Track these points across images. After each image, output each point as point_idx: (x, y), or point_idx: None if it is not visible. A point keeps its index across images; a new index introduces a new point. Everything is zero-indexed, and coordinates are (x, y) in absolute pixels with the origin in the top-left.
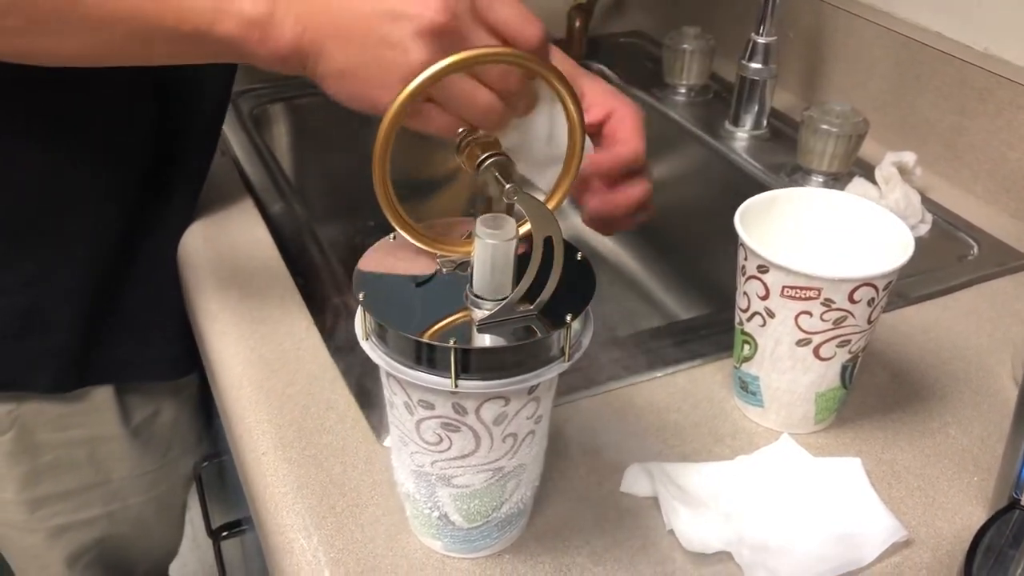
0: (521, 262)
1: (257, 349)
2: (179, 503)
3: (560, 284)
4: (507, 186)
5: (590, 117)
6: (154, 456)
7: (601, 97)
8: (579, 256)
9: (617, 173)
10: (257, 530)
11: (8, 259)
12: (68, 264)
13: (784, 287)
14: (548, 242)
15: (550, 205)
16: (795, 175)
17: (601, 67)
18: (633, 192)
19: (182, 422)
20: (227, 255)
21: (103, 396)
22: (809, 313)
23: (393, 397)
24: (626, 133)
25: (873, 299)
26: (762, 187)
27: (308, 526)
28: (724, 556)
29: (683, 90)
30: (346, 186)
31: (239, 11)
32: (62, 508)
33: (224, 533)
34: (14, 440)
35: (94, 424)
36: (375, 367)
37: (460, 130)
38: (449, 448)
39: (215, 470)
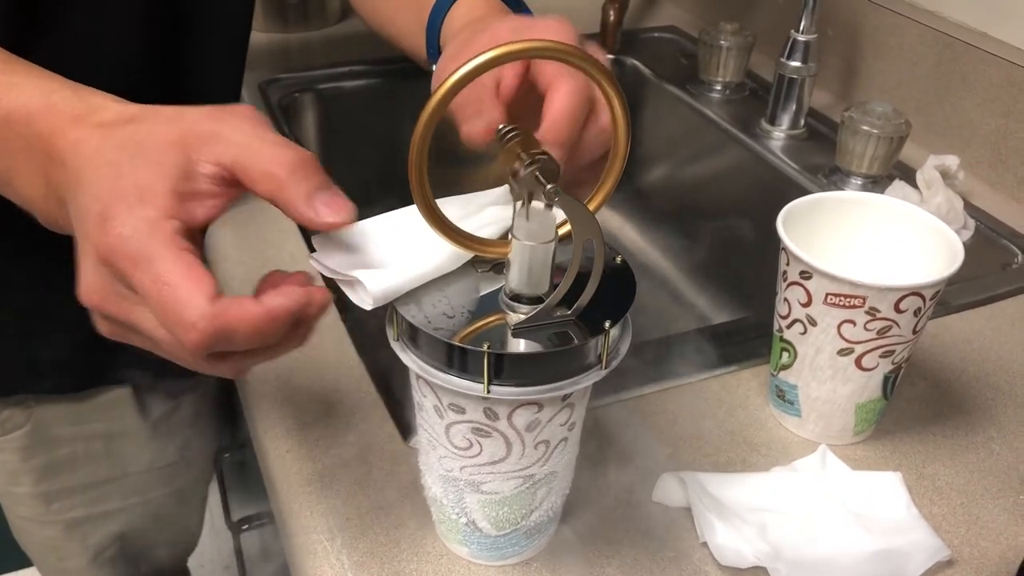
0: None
1: None
2: (200, 496)
3: (598, 288)
4: (548, 187)
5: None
6: (173, 450)
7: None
8: (618, 259)
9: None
10: (279, 530)
11: (14, 256)
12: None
13: (828, 294)
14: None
15: (591, 207)
16: (833, 177)
17: (635, 62)
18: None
19: (202, 416)
20: (255, 248)
21: (120, 392)
22: (852, 322)
23: (423, 400)
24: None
25: (919, 309)
26: (798, 188)
27: (332, 528)
28: (759, 571)
29: (719, 87)
30: (375, 177)
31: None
32: (80, 500)
33: (244, 526)
34: (29, 434)
35: (111, 419)
36: (402, 366)
37: (500, 127)
38: (479, 454)
39: (236, 462)
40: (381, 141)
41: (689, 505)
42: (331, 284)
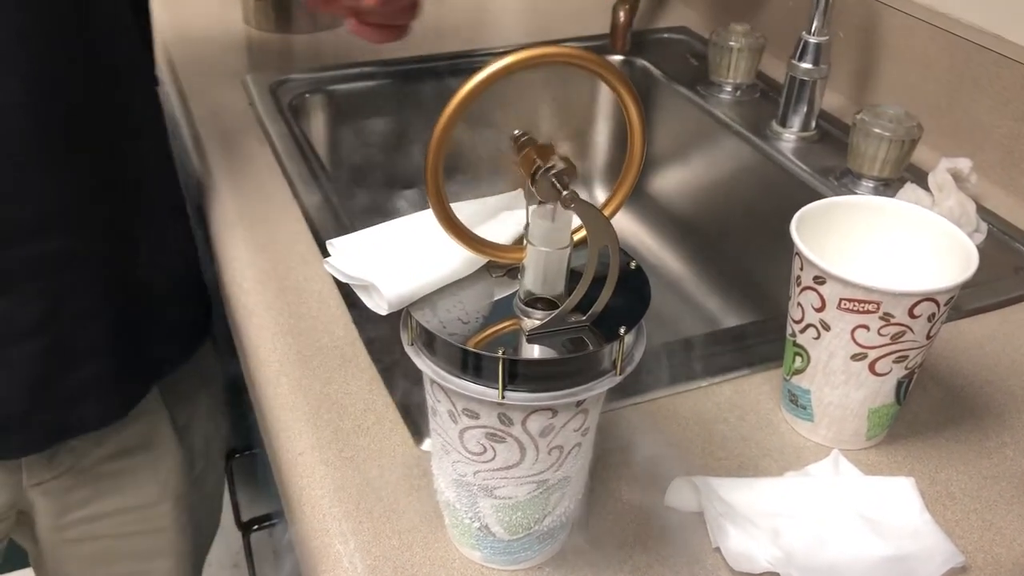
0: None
1: (295, 345)
2: (220, 496)
3: (613, 294)
4: (564, 193)
5: None
6: (199, 455)
7: None
8: (633, 265)
9: None
10: (292, 532)
11: (17, 300)
12: (78, 282)
13: (841, 299)
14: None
15: (607, 212)
16: (844, 179)
17: (645, 63)
18: None
19: (212, 419)
20: (266, 248)
21: (153, 405)
22: (866, 327)
23: (436, 404)
24: None
25: (934, 314)
26: (809, 190)
27: (345, 531)
28: None
29: (729, 88)
30: (385, 177)
31: None
32: (133, 519)
33: (255, 527)
34: (75, 472)
35: (147, 433)
36: (416, 370)
37: (516, 132)
38: (493, 459)
39: (246, 463)
40: (391, 142)
41: (701, 510)
42: (345, 290)
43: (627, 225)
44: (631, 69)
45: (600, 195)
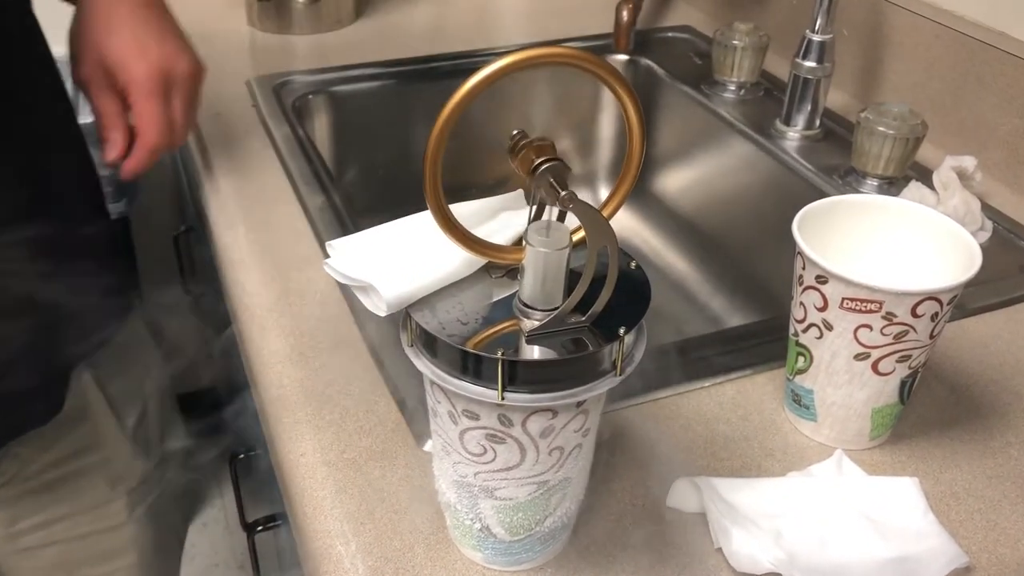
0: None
1: (297, 347)
2: (180, 494)
3: (613, 294)
4: (562, 193)
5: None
6: (155, 451)
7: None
8: (633, 265)
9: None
10: (294, 533)
11: None
12: None
13: (844, 299)
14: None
15: (606, 213)
16: (848, 178)
17: (648, 62)
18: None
19: (166, 409)
20: (268, 251)
21: (98, 404)
22: (869, 327)
23: (437, 405)
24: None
25: (937, 314)
26: (813, 189)
27: (346, 532)
28: None
29: (733, 87)
30: (387, 179)
31: None
32: (87, 519)
33: (259, 528)
34: (23, 478)
35: (96, 436)
36: (417, 371)
37: (514, 132)
38: (493, 460)
39: (250, 464)
40: (394, 142)
41: (704, 511)
42: (347, 291)
43: (631, 224)
44: (635, 68)
45: (605, 194)
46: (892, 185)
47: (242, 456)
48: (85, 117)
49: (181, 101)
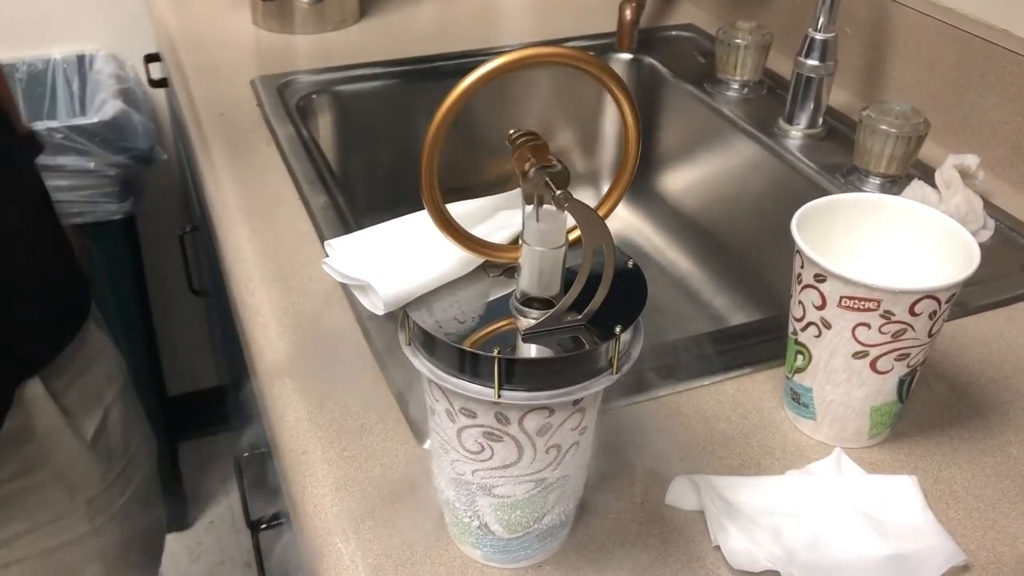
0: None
1: (299, 345)
2: (156, 494)
3: (610, 292)
4: (558, 192)
5: None
6: (117, 459)
7: None
8: (630, 263)
9: None
10: (295, 531)
11: None
12: None
13: (842, 297)
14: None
15: (602, 212)
16: (851, 176)
17: (652, 61)
18: None
19: (130, 412)
20: (270, 249)
21: (54, 417)
22: (867, 325)
23: (434, 404)
24: None
25: (935, 312)
26: (816, 187)
27: (347, 530)
28: (772, 575)
29: (736, 86)
30: (390, 179)
31: None
32: (47, 532)
33: (263, 526)
34: None
35: (54, 453)
36: (416, 369)
37: (511, 131)
38: (491, 457)
39: (254, 462)
40: (398, 142)
41: (702, 509)
42: (349, 290)
43: (634, 223)
44: (638, 67)
45: None
46: (894, 184)
47: (247, 455)
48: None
49: None
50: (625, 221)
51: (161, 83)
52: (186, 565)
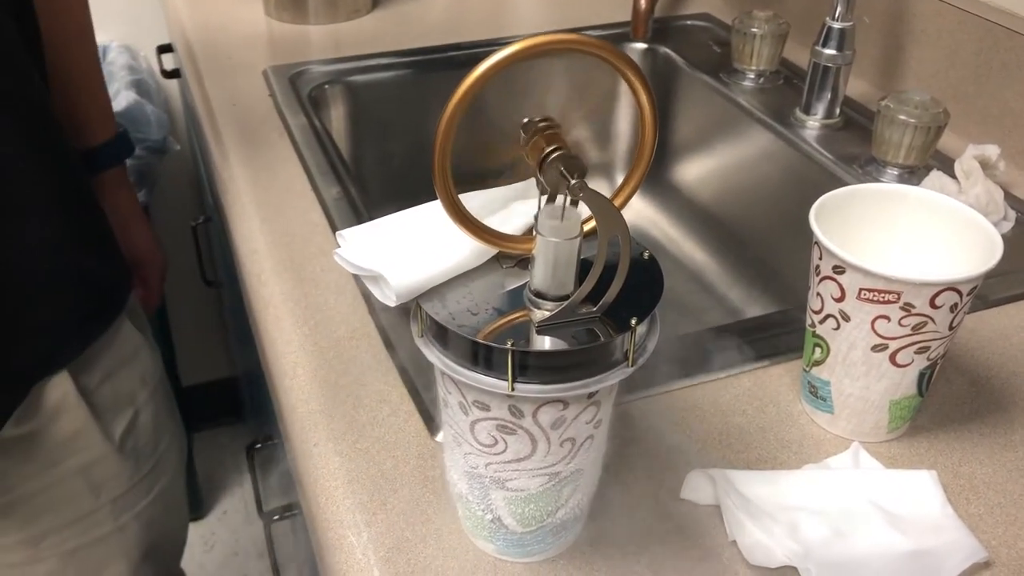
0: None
1: (311, 337)
2: (180, 495)
3: (625, 284)
4: (572, 182)
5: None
6: (145, 459)
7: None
8: (646, 254)
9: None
10: (307, 523)
11: None
12: None
13: (861, 289)
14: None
15: (617, 202)
16: (869, 167)
17: (667, 50)
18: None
19: (161, 414)
20: (282, 240)
21: (82, 418)
22: (887, 317)
23: (447, 396)
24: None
25: (956, 305)
26: (833, 178)
27: (359, 523)
28: (789, 571)
29: (752, 75)
30: (403, 169)
31: None
32: (72, 533)
33: (275, 516)
34: (6, 489)
35: (81, 451)
36: (429, 361)
37: (526, 119)
38: (504, 451)
39: (267, 454)
40: (410, 132)
41: (718, 503)
42: (361, 281)
43: (649, 214)
44: (653, 57)
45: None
46: (913, 174)
47: (259, 446)
48: None
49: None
50: (639, 212)
51: (174, 74)
52: (200, 555)
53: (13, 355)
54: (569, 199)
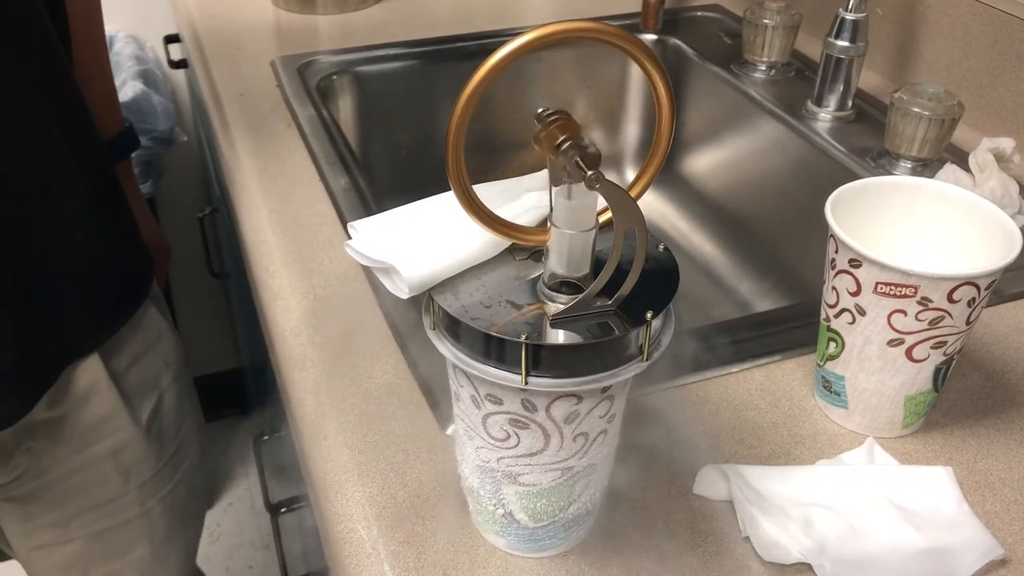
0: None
1: (320, 329)
2: (200, 484)
3: (640, 277)
4: (589, 173)
5: None
6: (169, 442)
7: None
8: (661, 247)
9: None
10: (315, 516)
11: None
12: None
13: (878, 283)
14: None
15: (633, 193)
16: (882, 160)
17: (677, 42)
18: None
19: (183, 398)
20: (291, 231)
21: (111, 400)
22: (903, 312)
23: (459, 390)
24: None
25: (974, 299)
26: (846, 171)
27: (368, 516)
28: (803, 567)
29: (763, 67)
30: (412, 160)
31: None
32: (98, 515)
33: (282, 509)
34: (35, 475)
35: (110, 434)
36: (440, 354)
37: (539, 110)
38: (517, 445)
39: (274, 446)
40: (419, 123)
41: (731, 498)
42: (371, 273)
43: (659, 207)
44: (663, 48)
45: (631, 176)
46: (926, 167)
47: (266, 437)
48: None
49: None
50: (649, 204)
51: (181, 64)
52: (205, 547)
53: (47, 338)
54: (583, 190)
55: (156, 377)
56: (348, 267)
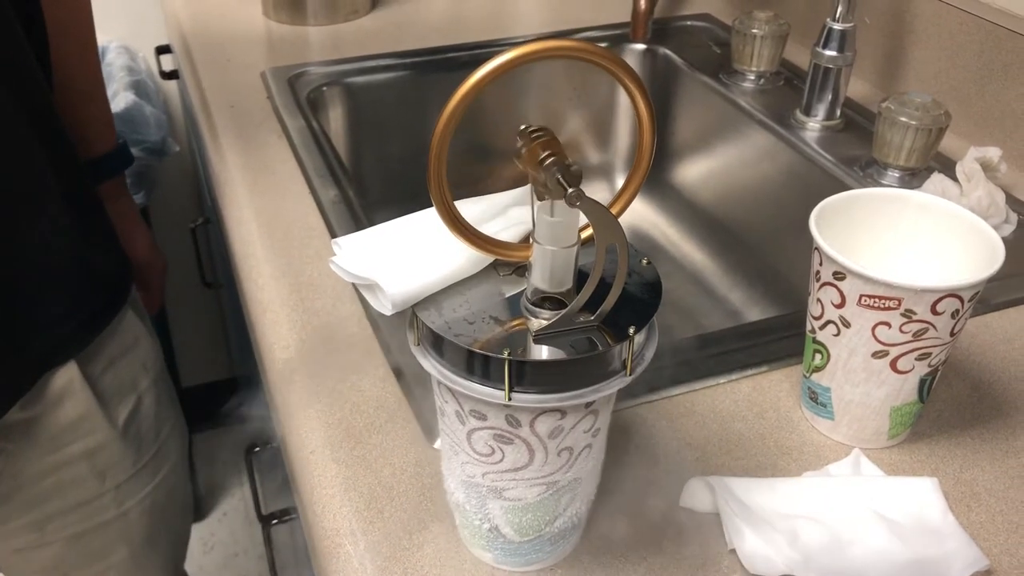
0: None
1: (308, 341)
2: (183, 485)
3: (623, 291)
4: (570, 190)
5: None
6: (148, 445)
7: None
8: (644, 261)
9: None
10: (304, 530)
11: None
12: None
13: (862, 295)
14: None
15: (615, 210)
16: (869, 169)
17: (667, 51)
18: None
19: (162, 402)
20: (280, 243)
21: (87, 403)
22: (888, 324)
23: (444, 405)
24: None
25: (958, 311)
26: (834, 180)
27: (355, 531)
28: None
29: (752, 76)
30: (402, 172)
31: None
32: (76, 518)
33: (274, 520)
34: (11, 476)
35: (86, 435)
36: (426, 370)
37: (522, 126)
38: (501, 460)
39: (266, 457)
40: (410, 135)
41: (717, 511)
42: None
43: (648, 216)
44: (653, 58)
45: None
46: (914, 176)
47: (257, 448)
48: None
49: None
50: (639, 214)
51: (172, 75)
52: (199, 557)
53: (24, 347)
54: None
55: (134, 380)
56: (337, 280)
